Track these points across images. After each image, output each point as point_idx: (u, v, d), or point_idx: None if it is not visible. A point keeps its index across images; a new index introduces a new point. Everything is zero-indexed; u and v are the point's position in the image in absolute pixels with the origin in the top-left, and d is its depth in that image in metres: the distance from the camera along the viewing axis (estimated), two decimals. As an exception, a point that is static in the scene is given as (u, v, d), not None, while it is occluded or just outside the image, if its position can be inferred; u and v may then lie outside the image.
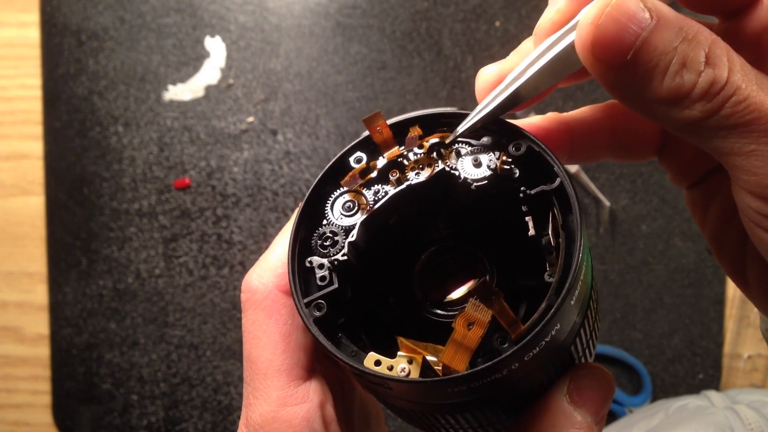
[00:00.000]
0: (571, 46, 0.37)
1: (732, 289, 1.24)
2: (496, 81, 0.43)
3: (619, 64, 0.33)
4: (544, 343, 0.37)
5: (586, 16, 0.34)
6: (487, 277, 0.46)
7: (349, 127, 1.31)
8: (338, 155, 0.45)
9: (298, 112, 1.31)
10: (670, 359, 1.25)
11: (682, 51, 0.33)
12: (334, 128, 1.31)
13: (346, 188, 0.44)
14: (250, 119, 1.31)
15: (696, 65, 0.33)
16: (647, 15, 0.33)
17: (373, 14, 1.32)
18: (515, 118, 0.44)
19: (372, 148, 0.45)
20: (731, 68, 0.33)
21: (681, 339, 1.25)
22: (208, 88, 1.32)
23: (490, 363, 0.36)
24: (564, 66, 0.39)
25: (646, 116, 0.36)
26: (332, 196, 0.44)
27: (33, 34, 1.36)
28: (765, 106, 0.33)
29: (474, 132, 0.43)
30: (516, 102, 0.41)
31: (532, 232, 0.41)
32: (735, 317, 1.23)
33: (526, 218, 0.42)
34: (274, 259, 0.46)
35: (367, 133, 0.44)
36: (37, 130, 1.34)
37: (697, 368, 1.24)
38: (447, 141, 0.43)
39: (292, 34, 1.33)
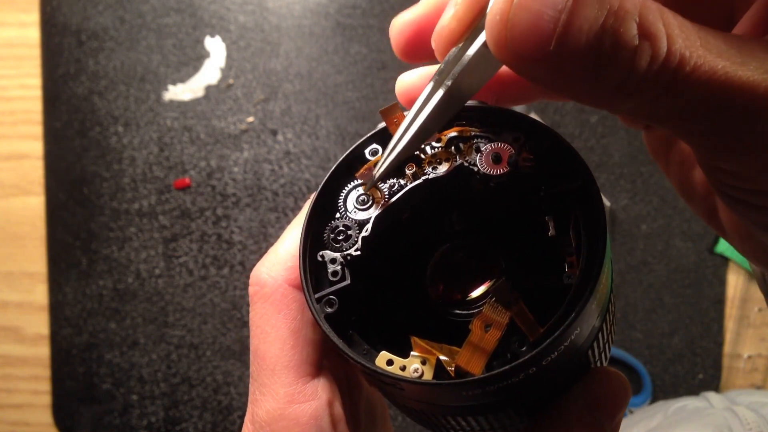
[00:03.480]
0: (483, 47, 0.33)
1: (732, 289, 1.24)
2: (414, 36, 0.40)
3: (542, 57, 0.28)
4: (563, 347, 0.36)
5: (494, 11, 0.29)
6: (505, 278, 0.44)
7: (349, 127, 1.30)
8: (353, 146, 0.44)
9: (298, 112, 1.31)
10: (670, 359, 1.25)
11: (610, 27, 0.27)
12: (334, 128, 1.30)
13: (360, 181, 0.43)
14: (250, 119, 1.31)
15: (629, 41, 0.27)
16: None
17: (373, 14, 1.32)
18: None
19: (388, 141, 0.42)
20: (670, 34, 0.28)
21: (681, 339, 1.25)
22: (208, 88, 1.32)
23: (507, 367, 0.35)
24: (483, 69, 0.35)
25: (589, 105, 0.31)
26: (346, 188, 0.43)
27: (33, 34, 1.35)
28: (716, 73, 0.28)
29: (486, 130, 0.42)
30: (427, 134, 0.38)
31: (552, 231, 0.40)
32: (735, 317, 1.23)
33: (546, 217, 0.40)
34: (284, 252, 0.45)
35: (383, 124, 0.43)
36: (37, 130, 1.34)
37: (697, 368, 1.24)
38: (367, 187, 0.42)
39: (292, 34, 1.32)
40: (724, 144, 0.30)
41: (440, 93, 0.36)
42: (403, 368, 0.38)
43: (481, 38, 0.34)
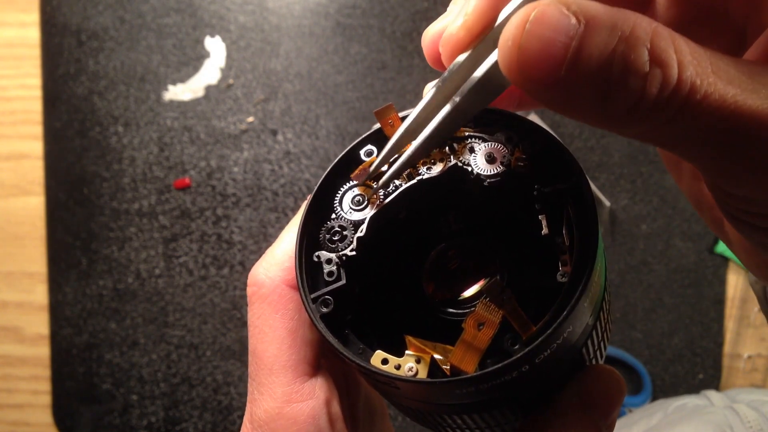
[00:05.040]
0: (494, 67, 0.34)
1: (732, 289, 1.24)
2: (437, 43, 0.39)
3: (553, 82, 0.28)
4: (555, 345, 0.36)
5: (506, 36, 0.29)
6: (499, 277, 0.45)
7: (349, 127, 1.31)
8: (348, 148, 0.44)
9: (298, 112, 1.31)
10: (670, 359, 1.25)
11: (620, 54, 0.27)
12: (334, 128, 1.31)
13: (355, 182, 0.43)
14: (250, 119, 1.31)
15: (640, 68, 0.27)
16: (574, 20, 0.27)
17: (373, 14, 1.32)
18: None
19: (383, 142, 0.43)
20: (681, 61, 0.28)
21: (681, 339, 1.25)
22: (208, 88, 1.32)
23: (499, 365, 0.36)
24: (493, 88, 0.35)
25: (600, 128, 0.32)
26: (341, 189, 0.43)
27: (33, 34, 1.36)
28: (726, 101, 0.28)
29: (485, 128, 0.42)
30: (432, 144, 0.38)
31: (545, 230, 0.40)
32: (735, 317, 1.23)
33: (540, 216, 0.40)
34: (281, 253, 0.45)
35: (378, 125, 0.43)
36: (37, 130, 1.34)
37: (697, 368, 1.24)
38: (369, 195, 0.42)
39: (292, 34, 1.32)
40: (732, 169, 0.31)
41: (448, 108, 0.36)
42: (398, 367, 0.38)
43: (492, 57, 0.34)
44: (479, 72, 0.35)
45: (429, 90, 0.44)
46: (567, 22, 0.27)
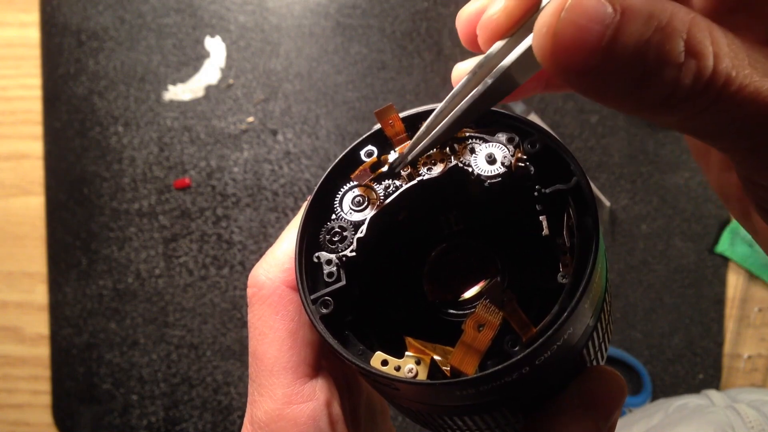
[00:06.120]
0: (528, 52, 0.34)
1: (732, 289, 1.24)
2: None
3: (587, 70, 0.28)
4: (556, 346, 0.36)
5: (541, 23, 0.29)
6: (499, 278, 0.45)
7: (349, 127, 1.30)
8: (349, 148, 0.44)
9: (298, 112, 1.31)
10: (670, 359, 1.25)
11: (656, 43, 0.27)
12: (334, 128, 1.30)
13: (355, 182, 0.43)
14: (250, 119, 1.31)
15: (674, 58, 0.27)
16: (610, 9, 0.27)
17: (373, 14, 1.32)
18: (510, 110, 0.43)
19: (383, 142, 0.43)
20: (717, 53, 0.28)
21: (681, 339, 1.25)
22: (208, 88, 1.32)
23: (499, 367, 0.36)
24: (525, 71, 0.35)
25: (635, 116, 0.32)
26: (341, 190, 0.43)
27: (33, 34, 1.36)
28: (761, 93, 0.28)
29: (485, 128, 0.42)
30: (462, 123, 0.39)
31: (546, 231, 0.40)
32: (735, 317, 1.23)
33: (540, 217, 0.40)
34: (281, 254, 0.45)
35: (378, 126, 0.43)
36: (37, 130, 1.34)
37: (697, 368, 1.24)
38: (397, 167, 0.42)
39: (292, 34, 1.32)
40: (765, 161, 0.31)
41: (480, 89, 0.37)
42: (398, 368, 0.38)
43: (527, 41, 0.34)
44: (513, 56, 0.35)
45: (457, 71, 0.43)
46: (603, 11, 0.27)
